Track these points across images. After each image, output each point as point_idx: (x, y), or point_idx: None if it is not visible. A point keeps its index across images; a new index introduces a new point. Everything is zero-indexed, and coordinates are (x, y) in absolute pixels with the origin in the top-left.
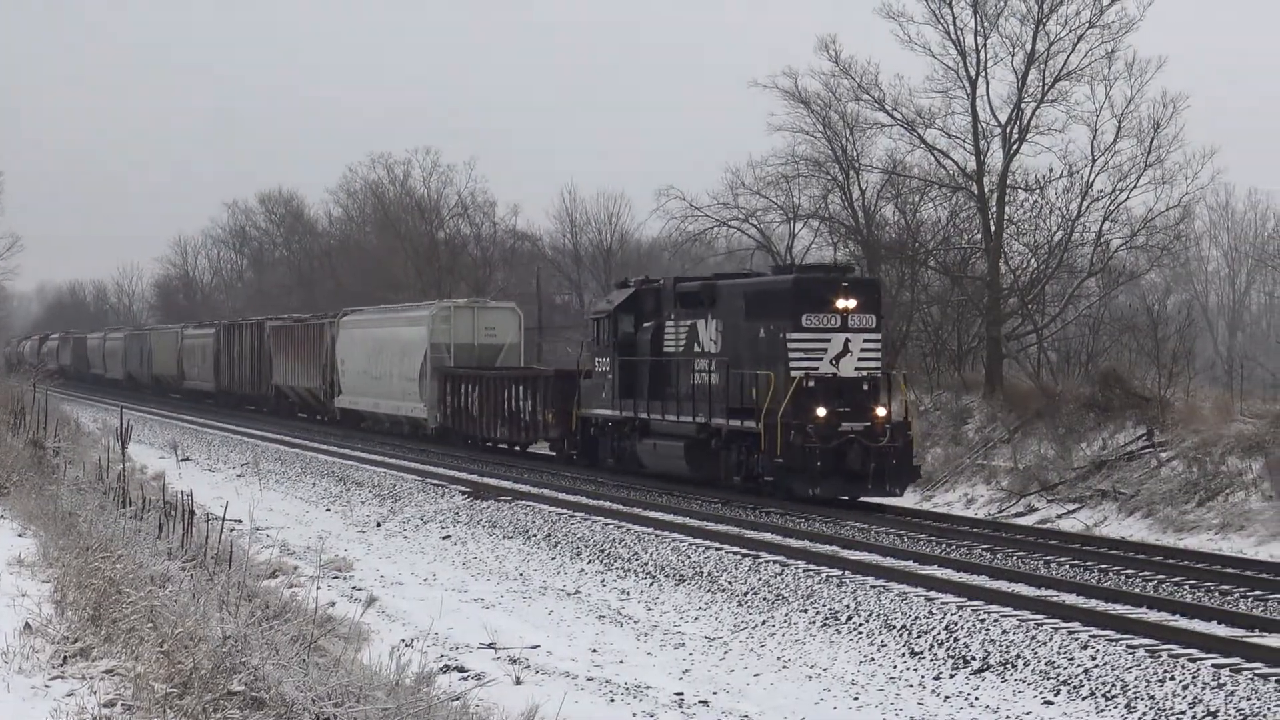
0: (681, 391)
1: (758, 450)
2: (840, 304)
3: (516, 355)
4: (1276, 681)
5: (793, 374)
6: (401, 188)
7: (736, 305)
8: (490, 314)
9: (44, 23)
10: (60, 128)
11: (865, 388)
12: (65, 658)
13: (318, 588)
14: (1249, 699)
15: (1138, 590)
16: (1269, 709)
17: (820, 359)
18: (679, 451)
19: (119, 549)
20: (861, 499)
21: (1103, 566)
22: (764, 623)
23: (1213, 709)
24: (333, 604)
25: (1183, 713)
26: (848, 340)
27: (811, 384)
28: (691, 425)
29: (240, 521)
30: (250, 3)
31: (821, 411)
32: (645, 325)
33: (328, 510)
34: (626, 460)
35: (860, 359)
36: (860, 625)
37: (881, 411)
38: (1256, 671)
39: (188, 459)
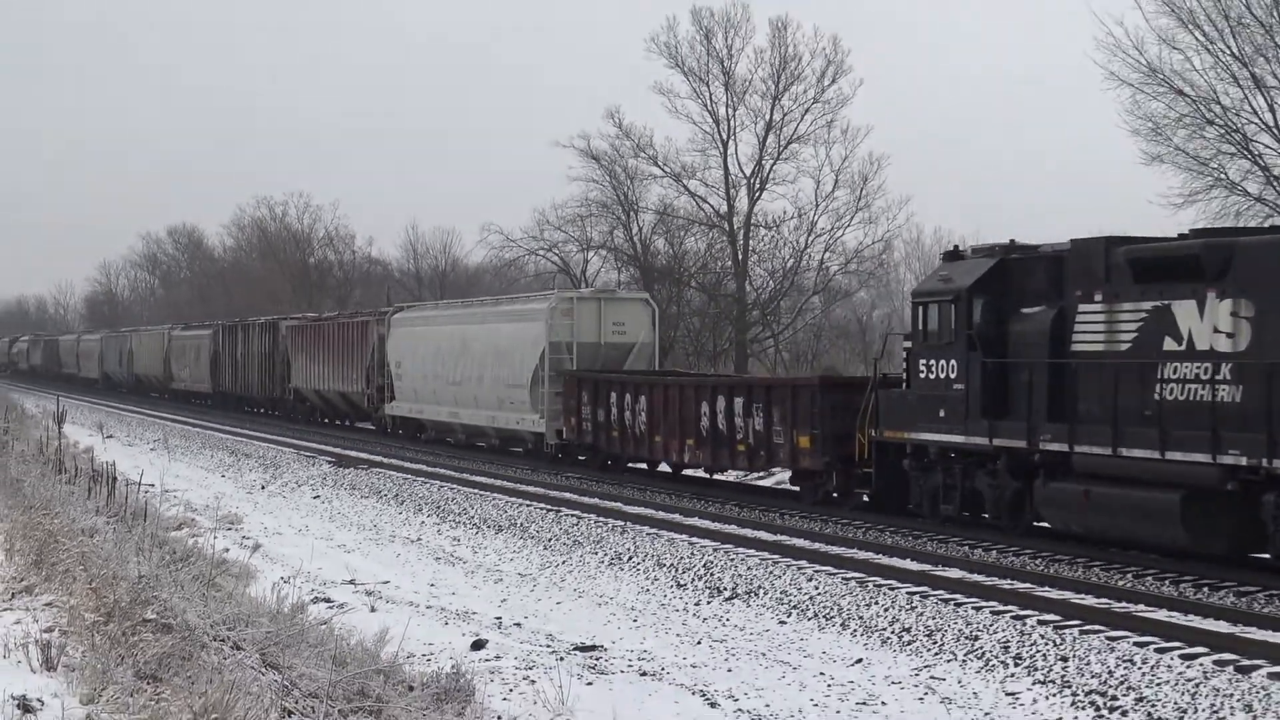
0: (1160, 412)
1: None
2: None
3: (648, 357)
4: (955, 605)
5: None
6: (280, 223)
7: None
8: (620, 306)
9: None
10: None
11: None
12: (13, 594)
13: (215, 537)
14: (934, 619)
15: (851, 535)
16: (949, 625)
17: None
18: (1170, 508)
19: (56, 507)
20: None
21: (824, 517)
22: (564, 562)
23: (907, 626)
24: (226, 550)
25: (884, 629)
26: None
27: None
28: (1211, 469)
29: (153, 485)
30: (153, 70)
31: None
32: (1026, 312)
33: (223, 476)
34: (994, 510)
35: None
36: (639, 564)
37: None
38: (940, 597)
39: (111, 436)
